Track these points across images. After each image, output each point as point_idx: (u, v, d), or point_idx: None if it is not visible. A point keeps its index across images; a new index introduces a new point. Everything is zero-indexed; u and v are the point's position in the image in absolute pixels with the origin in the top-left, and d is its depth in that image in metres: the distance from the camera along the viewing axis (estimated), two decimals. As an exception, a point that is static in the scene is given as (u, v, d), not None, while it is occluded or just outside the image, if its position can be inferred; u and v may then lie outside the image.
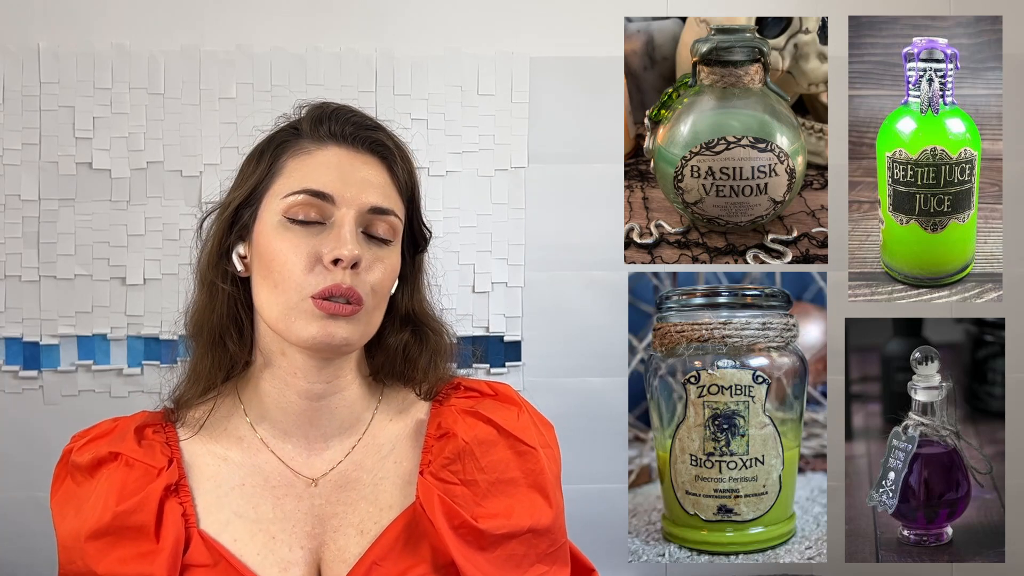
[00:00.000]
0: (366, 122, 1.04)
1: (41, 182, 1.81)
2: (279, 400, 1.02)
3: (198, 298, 1.03)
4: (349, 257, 0.94)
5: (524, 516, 1.01)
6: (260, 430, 1.03)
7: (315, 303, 0.95)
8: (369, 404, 1.05)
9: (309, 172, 0.98)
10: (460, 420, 1.04)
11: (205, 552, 0.97)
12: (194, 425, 1.04)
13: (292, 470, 1.01)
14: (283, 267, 0.96)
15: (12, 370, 1.82)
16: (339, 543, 0.99)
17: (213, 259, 1.02)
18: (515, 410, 1.07)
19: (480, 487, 1.01)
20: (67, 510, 1.01)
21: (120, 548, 0.97)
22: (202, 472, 1.01)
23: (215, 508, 1.00)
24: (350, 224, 0.96)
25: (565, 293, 1.88)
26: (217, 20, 1.84)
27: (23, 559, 1.81)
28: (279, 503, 1.00)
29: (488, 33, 1.87)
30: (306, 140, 1.01)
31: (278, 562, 0.98)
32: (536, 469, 1.04)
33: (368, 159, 1.02)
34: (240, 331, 1.02)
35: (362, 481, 1.02)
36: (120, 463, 1.01)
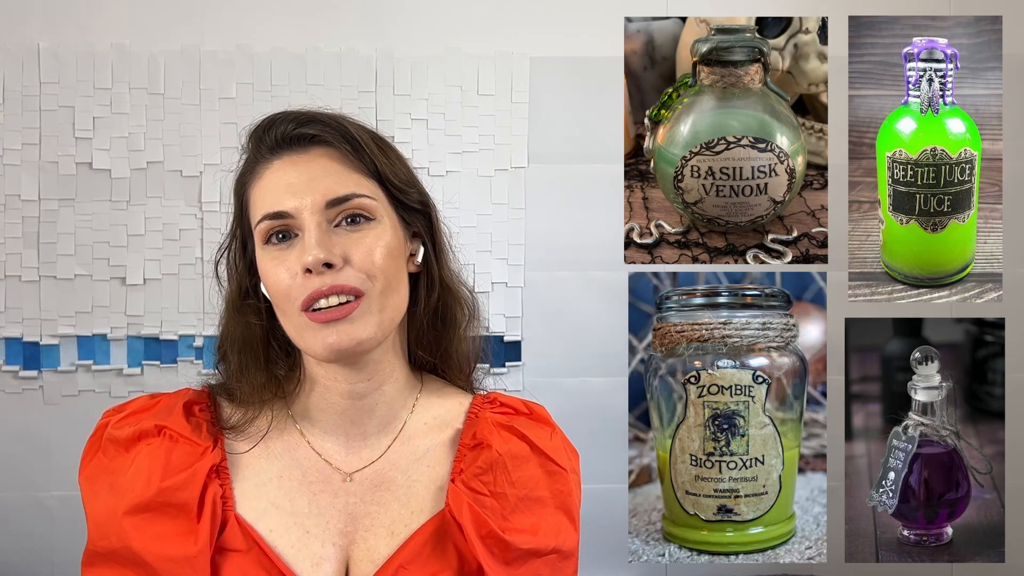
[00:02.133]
0: (301, 118, 1.01)
1: (41, 182, 1.81)
2: (321, 403, 1.03)
3: (235, 334, 1.04)
4: (313, 262, 0.94)
5: (550, 536, 1.02)
6: (303, 429, 1.04)
7: (308, 317, 0.95)
8: (407, 401, 1.06)
9: (264, 196, 0.98)
10: (495, 433, 1.05)
11: (240, 537, 0.97)
12: (247, 436, 1.03)
13: (329, 465, 1.02)
14: (276, 289, 0.97)
15: (12, 370, 1.82)
16: (369, 543, 1.00)
17: (237, 300, 1.02)
18: (548, 430, 1.09)
19: (509, 501, 1.02)
20: (98, 485, 1.00)
21: (159, 524, 0.96)
22: (242, 459, 1.02)
23: (252, 496, 1.00)
24: (311, 230, 0.95)
25: (565, 293, 1.88)
26: (217, 20, 1.84)
27: (23, 559, 1.81)
28: (315, 499, 1.01)
29: (488, 33, 1.87)
30: (256, 163, 1.01)
31: (310, 556, 0.98)
32: (565, 491, 1.05)
33: (313, 153, 1.00)
34: (287, 355, 1.04)
35: (396, 481, 1.02)
36: (164, 437, 1.00)
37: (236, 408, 1.04)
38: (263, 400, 1.02)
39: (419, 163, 1.82)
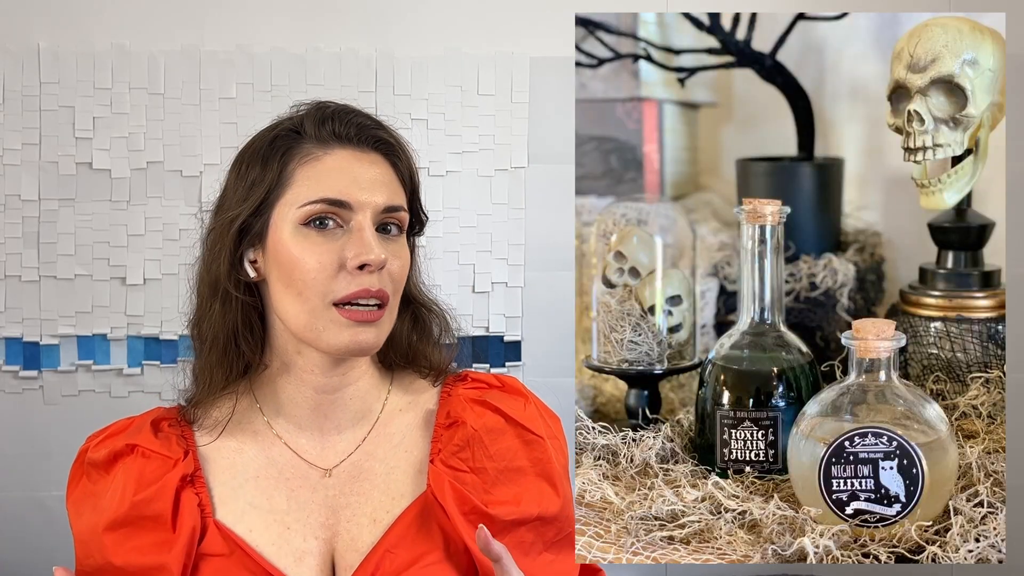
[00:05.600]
0: (368, 121, 1.05)
1: (41, 182, 1.81)
2: (294, 396, 1.04)
3: (209, 306, 1.03)
4: (377, 262, 0.96)
5: (532, 504, 1.04)
6: (275, 424, 1.05)
7: (340, 312, 0.97)
8: (380, 394, 1.07)
9: (322, 180, 0.99)
10: (469, 409, 1.06)
11: (221, 542, 0.99)
12: (212, 426, 1.05)
13: (306, 461, 1.03)
14: (306, 274, 0.97)
15: (12, 370, 1.82)
16: (352, 532, 1.01)
17: (225, 269, 1.01)
18: (522, 400, 1.10)
19: (489, 475, 1.04)
20: (83, 508, 1.03)
21: (137, 537, 0.98)
22: (217, 464, 1.03)
23: (230, 499, 1.01)
24: (370, 228, 0.98)
25: (565, 293, 1.88)
26: (217, 20, 1.84)
27: (23, 559, 1.81)
28: (293, 494, 1.02)
29: (488, 33, 1.87)
30: (310, 144, 1.01)
31: (292, 552, 1.00)
32: (543, 458, 1.06)
33: (374, 158, 1.03)
34: (254, 335, 1.03)
35: (375, 471, 1.04)
36: (137, 455, 1.02)
37: (201, 403, 1.04)
38: (227, 377, 1.03)
39: (419, 163, 1.80)
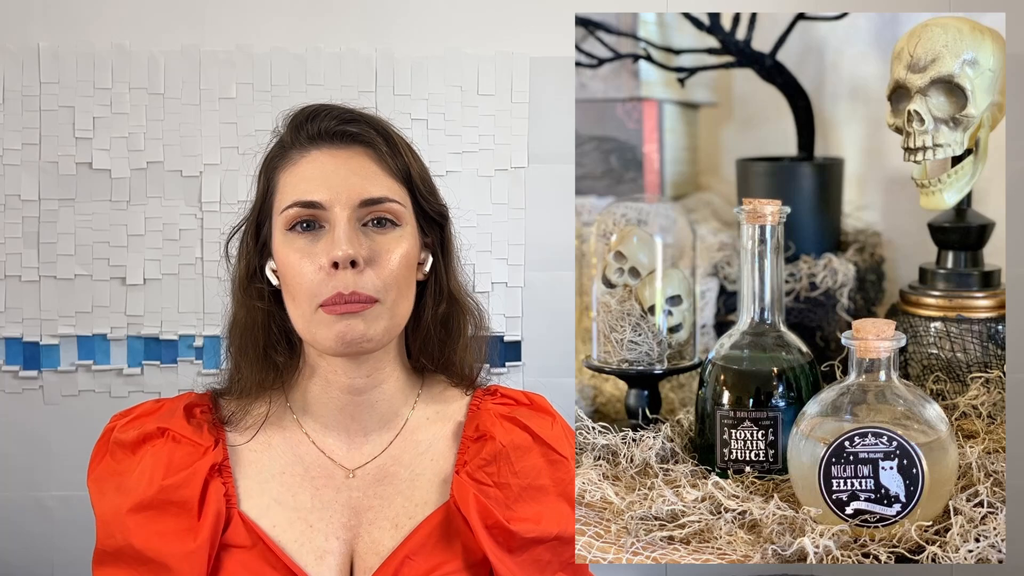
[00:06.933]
0: (345, 115, 1.04)
1: (41, 182, 1.81)
2: (320, 396, 1.04)
3: (238, 316, 1.05)
4: (343, 257, 0.96)
5: (552, 523, 1.04)
6: (304, 423, 1.05)
7: (325, 311, 0.97)
8: (408, 398, 1.08)
9: (297, 183, 1.00)
10: (498, 424, 1.07)
11: (244, 533, 0.99)
12: (245, 429, 1.05)
13: (332, 461, 1.04)
14: (294, 278, 0.98)
15: (12, 370, 1.82)
16: (373, 535, 1.02)
17: (244, 281, 1.04)
18: (549, 419, 1.11)
19: (512, 491, 1.04)
20: (106, 487, 1.03)
21: (161, 522, 0.99)
22: (245, 457, 1.04)
23: (256, 493, 1.02)
24: (343, 224, 0.98)
25: (565, 293, 1.88)
26: (217, 20, 1.84)
27: (23, 559, 1.82)
28: (318, 493, 1.02)
29: (488, 33, 1.87)
30: (291, 150, 1.03)
31: (314, 550, 1.00)
32: (566, 479, 1.07)
33: (353, 151, 1.02)
34: (289, 342, 1.05)
35: (399, 476, 1.04)
36: (167, 439, 1.03)
37: (235, 400, 1.05)
38: (261, 384, 1.04)
39: (419, 163, 1.82)
